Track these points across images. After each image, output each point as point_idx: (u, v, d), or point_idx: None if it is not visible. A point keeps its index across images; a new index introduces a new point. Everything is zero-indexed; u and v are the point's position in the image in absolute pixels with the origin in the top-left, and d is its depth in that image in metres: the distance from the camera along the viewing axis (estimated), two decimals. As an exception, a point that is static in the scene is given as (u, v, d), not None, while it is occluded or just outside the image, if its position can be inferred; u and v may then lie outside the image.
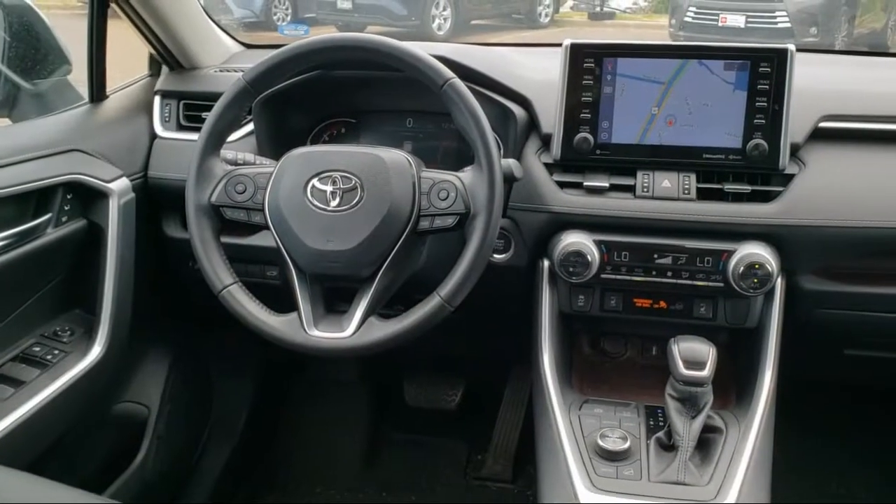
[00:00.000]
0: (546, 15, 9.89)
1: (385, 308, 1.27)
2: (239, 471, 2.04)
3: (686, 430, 1.19)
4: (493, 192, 1.19)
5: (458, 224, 1.21)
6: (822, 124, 1.38)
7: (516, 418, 2.09)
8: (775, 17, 7.33)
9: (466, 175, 1.23)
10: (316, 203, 1.21)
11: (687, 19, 7.69)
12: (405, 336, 1.19)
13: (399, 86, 1.49)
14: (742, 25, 7.38)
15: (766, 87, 1.31)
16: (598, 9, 10.62)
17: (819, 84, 1.47)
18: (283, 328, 1.21)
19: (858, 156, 1.39)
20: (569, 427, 1.26)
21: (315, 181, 1.22)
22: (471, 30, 9.29)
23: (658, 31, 8.74)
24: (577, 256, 1.33)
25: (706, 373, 1.18)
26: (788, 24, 7.25)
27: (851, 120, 1.40)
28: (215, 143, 1.28)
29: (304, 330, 1.20)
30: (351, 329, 1.19)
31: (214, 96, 1.30)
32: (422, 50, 1.23)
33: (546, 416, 1.29)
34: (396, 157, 1.24)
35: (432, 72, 1.21)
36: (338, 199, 1.20)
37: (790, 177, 1.35)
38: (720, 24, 7.43)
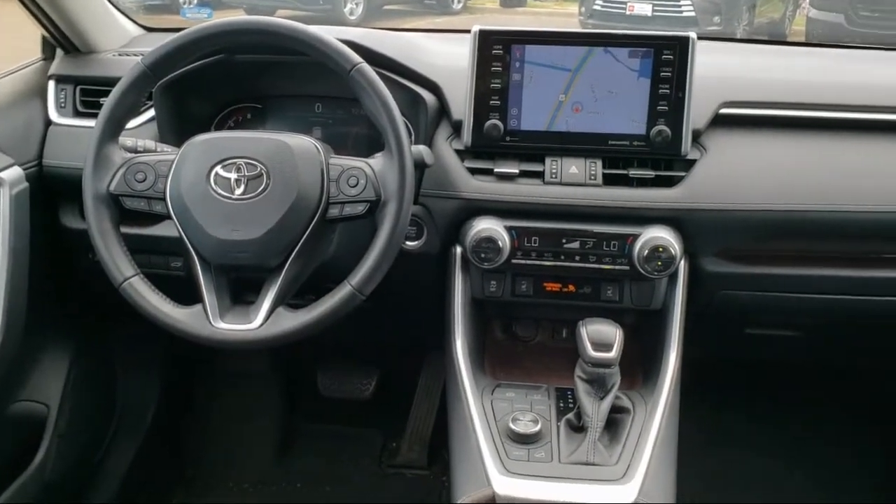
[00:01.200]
0: (458, 1, 9.90)
1: (296, 298, 1.25)
2: (146, 468, 1.97)
3: (595, 410, 1.22)
4: (404, 178, 1.18)
5: (369, 211, 1.20)
6: (723, 111, 1.42)
7: (431, 405, 2.09)
8: (680, 5, 7.53)
9: (377, 162, 1.22)
10: (220, 191, 1.17)
11: (596, 7, 7.83)
12: (315, 326, 1.17)
13: (307, 70, 1.46)
14: (649, 14, 7.56)
15: (669, 74, 1.34)
16: (510, -5, 10.70)
17: (720, 71, 1.52)
18: (188, 321, 1.18)
19: (757, 141, 1.43)
20: (481, 412, 1.27)
21: (219, 168, 1.18)
22: (383, 15, 9.22)
23: (569, 19, 8.86)
24: (489, 242, 1.34)
25: (613, 354, 1.21)
26: (693, 13, 7.46)
27: (750, 106, 1.44)
28: (113, 129, 1.23)
29: (210, 322, 1.17)
30: (258, 320, 1.17)
31: (112, 81, 1.25)
32: (329, 34, 1.21)
33: (458, 402, 1.30)
34: (303, 143, 1.22)
35: (340, 57, 1.20)
36: (243, 187, 1.17)
37: (692, 162, 1.38)
38: (628, 12, 7.59)
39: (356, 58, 1.19)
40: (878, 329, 1.58)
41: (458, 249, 1.41)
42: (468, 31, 1.38)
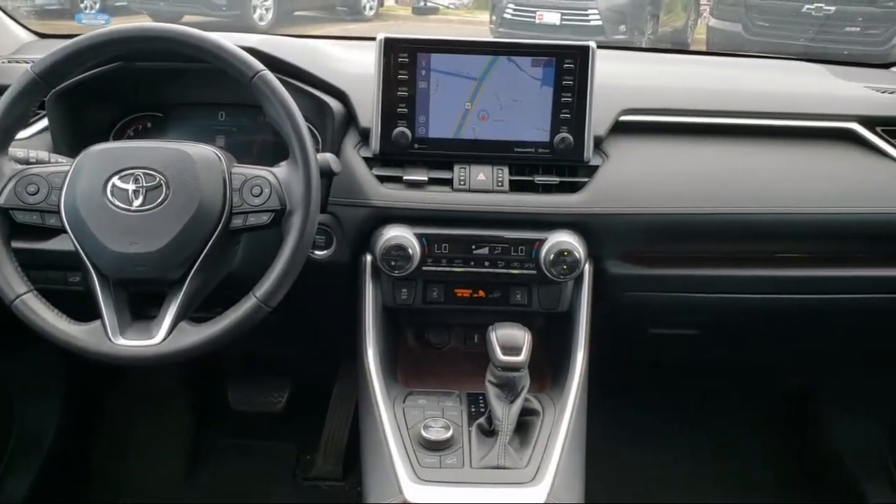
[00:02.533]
0: (371, 8, 9.87)
1: (202, 311, 1.22)
2: (46, 493, 1.88)
3: (505, 414, 1.23)
4: (310, 187, 1.17)
5: (274, 221, 1.19)
6: (623, 118, 1.46)
7: (346, 415, 2.07)
8: (587, 14, 7.73)
9: (281, 170, 1.20)
10: (117, 203, 1.14)
11: (506, 16, 7.95)
12: (219, 340, 1.15)
13: (210, 77, 1.42)
14: (557, 23, 7.73)
15: (571, 82, 1.37)
16: (422, 3, 10.74)
17: (621, 80, 1.56)
18: (85, 337, 1.14)
19: (656, 147, 1.48)
20: (393, 421, 1.27)
21: (115, 179, 1.15)
22: (294, 21, 9.10)
23: (480, 27, 8.95)
24: (399, 250, 1.34)
25: (522, 357, 1.23)
26: (600, 22, 7.66)
27: (648, 113, 1.49)
28: (2, 140, 1.18)
29: (109, 338, 1.13)
30: (160, 336, 1.14)
31: (0, 90, 1.19)
32: (229, 41, 1.19)
33: (370, 412, 1.29)
34: (204, 151, 1.20)
35: (241, 64, 1.18)
36: (141, 199, 1.14)
37: (595, 168, 1.42)
38: (537, 21, 7.74)
39: (257, 65, 1.18)
40: (769, 325, 1.65)
41: (369, 258, 1.41)
42: (373, 39, 1.38)
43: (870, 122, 1.51)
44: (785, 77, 1.77)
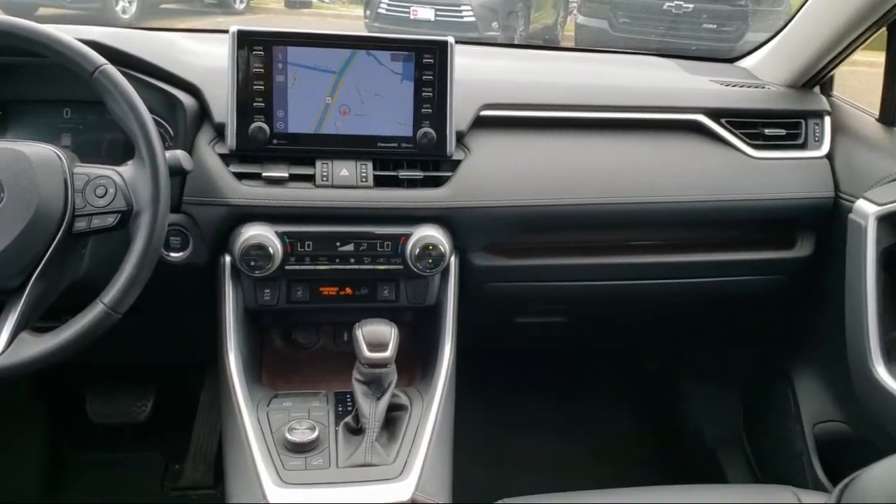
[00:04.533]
0: (241, 1, 9.63)
1: (49, 321, 1.15)
2: None
3: (372, 411, 1.22)
4: (158, 186, 1.12)
5: (121, 223, 1.13)
6: (483, 112, 1.48)
7: (215, 422, 2.01)
8: (461, 11, 7.84)
9: (127, 169, 1.15)
10: None
11: (381, 11, 7.95)
12: (64, 351, 1.08)
13: (53, 73, 1.33)
14: (432, 18, 7.80)
15: (431, 77, 1.37)
16: (295, -4, 10.56)
17: (483, 75, 1.58)
18: None
19: (516, 141, 1.51)
20: (256, 425, 1.23)
21: None
22: (160, 14, 8.76)
23: (355, 22, 8.91)
24: (259, 249, 1.30)
25: (389, 353, 1.22)
26: (473, 19, 7.79)
27: (509, 108, 1.51)
28: None
29: None
30: None
31: None
32: (68, 35, 1.13)
33: (233, 417, 1.25)
34: (43, 151, 1.13)
35: (80, 58, 1.12)
36: None
37: (458, 162, 1.43)
38: (412, 16, 7.78)
39: (98, 59, 1.12)
40: (628, 310, 1.72)
41: (227, 258, 1.36)
42: (226, 32, 1.34)
43: (715, 113, 1.59)
44: (641, 72, 1.84)
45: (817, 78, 1.66)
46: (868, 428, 1.57)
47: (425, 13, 7.84)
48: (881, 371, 1.40)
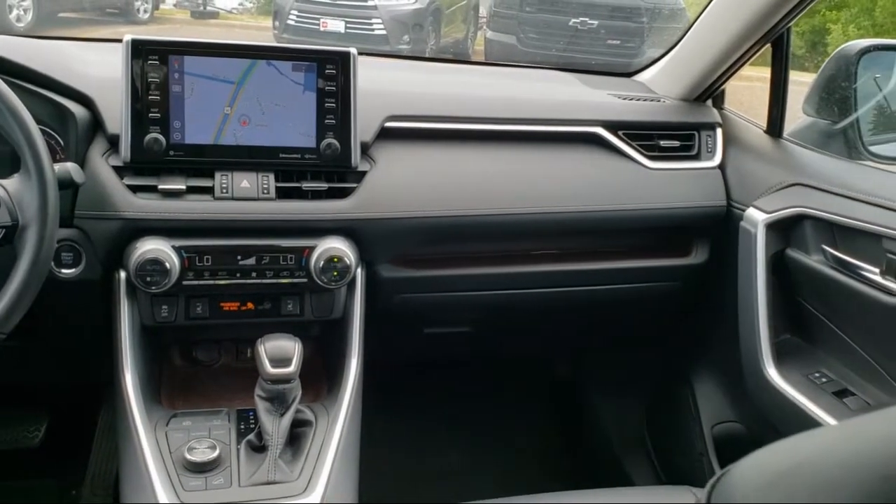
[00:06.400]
0: (145, 11, 9.35)
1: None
2: None
3: (275, 428, 1.20)
4: (46, 199, 1.08)
5: (5, 238, 1.08)
6: (388, 124, 1.48)
7: (114, 444, 1.92)
8: (371, 23, 7.83)
9: (12, 182, 1.10)
10: None
11: (290, 22, 7.86)
12: None
13: None
14: (342, 31, 7.76)
15: (334, 88, 1.36)
16: (201, 7, 10.33)
17: (388, 86, 1.58)
18: None
19: (422, 152, 1.51)
20: (154, 445, 1.19)
21: None
22: (59, 23, 8.41)
23: (263, 33, 8.76)
24: (155, 264, 1.26)
25: (292, 369, 1.20)
26: (384, 31, 7.79)
27: (414, 120, 1.52)
28: None
29: None
30: None
31: None
32: None
33: (129, 439, 1.20)
34: None
35: None
36: None
37: (363, 174, 1.42)
38: (321, 28, 7.72)
39: None
40: (533, 319, 1.75)
41: (122, 274, 1.31)
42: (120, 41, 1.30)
43: (613, 126, 1.63)
44: (544, 86, 1.88)
45: (709, 91, 1.73)
46: (761, 426, 1.63)
47: (335, 25, 7.79)
48: (772, 371, 1.47)
